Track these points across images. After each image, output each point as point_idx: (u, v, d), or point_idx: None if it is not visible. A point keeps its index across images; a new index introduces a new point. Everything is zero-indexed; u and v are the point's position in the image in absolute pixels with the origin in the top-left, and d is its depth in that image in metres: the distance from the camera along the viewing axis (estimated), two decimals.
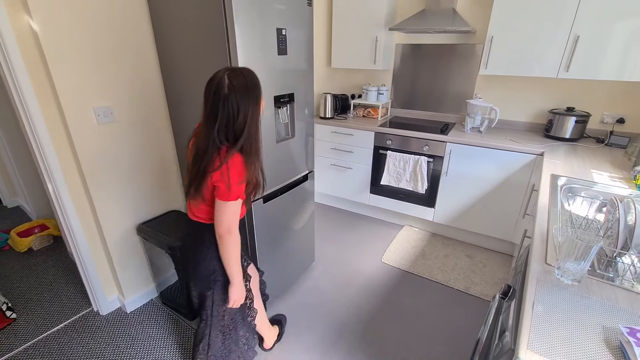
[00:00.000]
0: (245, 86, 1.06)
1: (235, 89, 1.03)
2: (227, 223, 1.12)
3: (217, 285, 1.25)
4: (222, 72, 1.06)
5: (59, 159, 1.60)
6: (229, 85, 1.03)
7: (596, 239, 0.88)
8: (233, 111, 1.04)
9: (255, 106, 1.09)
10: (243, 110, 1.05)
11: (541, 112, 2.55)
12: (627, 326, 0.74)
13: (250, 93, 1.07)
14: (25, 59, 1.41)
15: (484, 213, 2.47)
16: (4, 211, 3.16)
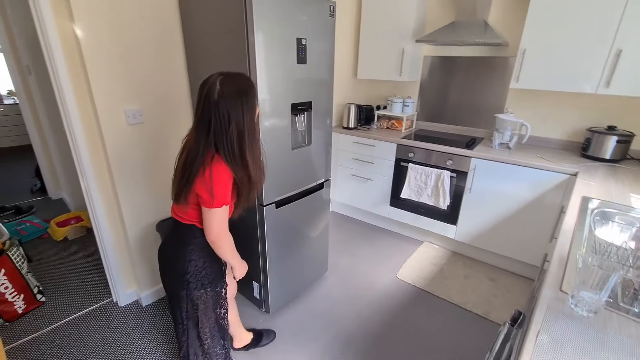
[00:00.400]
0: (237, 93, 1.04)
1: (225, 96, 1.02)
2: (215, 230, 1.11)
3: (190, 286, 1.22)
4: (215, 76, 1.05)
5: (91, 156, 1.73)
6: (219, 91, 1.02)
7: (617, 267, 0.80)
8: (224, 118, 1.03)
9: (248, 113, 1.07)
10: (235, 117, 1.04)
11: (578, 130, 2.38)
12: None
13: (242, 100, 1.05)
14: (68, 63, 1.55)
15: (510, 234, 2.32)
16: (49, 202, 3.44)
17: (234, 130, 1.05)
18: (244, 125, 1.07)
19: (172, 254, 1.24)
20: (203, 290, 1.25)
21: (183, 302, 1.26)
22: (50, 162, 3.41)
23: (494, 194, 2.31)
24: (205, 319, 1.31)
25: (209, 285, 1.26)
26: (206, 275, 1.24)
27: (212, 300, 1.30)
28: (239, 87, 1.06)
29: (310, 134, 1.85)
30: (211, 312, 1.32)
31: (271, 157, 1.64)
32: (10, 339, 1.79)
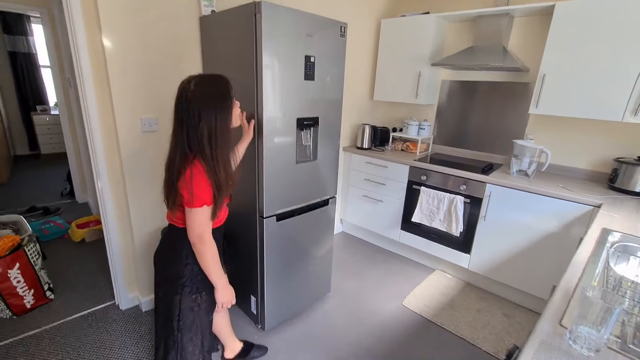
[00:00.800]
0: (208, 93, 1.06)
1: (197, 96, 1.05)
2: (197, 231, 1.11)
3: (185, 290, 1.22)
4: (191, 77, 1.09)
5: (107, 159, 1.82)
6: (193, 91, 1.05)
7: (622, 300, 0.71)
8: (194, 118, 1.05)
9: (221, 114, 1.08)
10: (206, 118, 1.05)
11: (605, 160, 2.23)
12: None
13: (215, 101, 1.07)
14: (94, 71, 1.68)
15: (528, 267, 2.16)
16: (75, 206, 3.64)
17: (204, 130, 1.06)
18: (215, 126, 1.07)
19: (168, 258, 1.24)
20: (198, 295, 1.24)
21: (176, 308, 1.25)
22: (80, 168, 3.63)
23: (511, 223, 2.18)
24: (197, 325, 1.29)
25: (204, 289, 1.25)
26: (202, 279, 1.24)
27: (206, 305, 1.28)
28: (211, 88, 1.09)
29: (316, 150, 1.86)
30: (205, 318, 1.30)
31: (274, 169, 1.66)
32: (14, 332, 1.85)
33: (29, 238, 2.10)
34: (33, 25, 5.07)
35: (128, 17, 1.64)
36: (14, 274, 1.92)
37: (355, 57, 2.90)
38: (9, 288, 1.91)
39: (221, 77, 1.14)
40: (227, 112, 1.11)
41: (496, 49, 2.37)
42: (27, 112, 5.24)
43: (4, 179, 4.17)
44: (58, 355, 1.71)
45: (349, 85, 2.92)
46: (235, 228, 1.92)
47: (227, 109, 1.11)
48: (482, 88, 2.71)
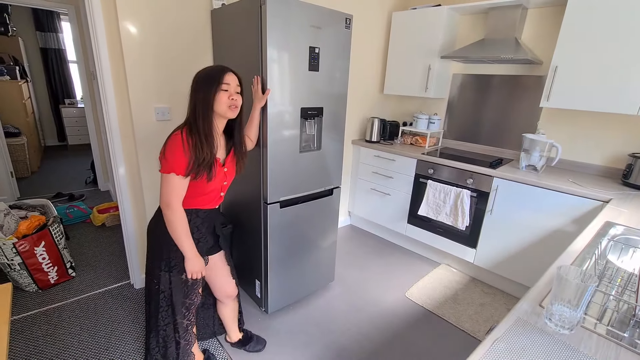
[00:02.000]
0: (197, 79, 1.21)
1: (193, 80, 1.22)
2: (165, 196, 1.18)
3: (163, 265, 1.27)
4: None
5: (123, 148, 1.93)
6: (196, 75, 1.23)
7: (594, 280, 0.73)
8: (190, 94, 1.22)
9: (202, 95, 1.19)
10: (193, 98, 1.20)
11: (619, 156, 2.17)
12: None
13: (198, 85, 1.20)
14: (112, 62, 1.79)
15: (534, 263, 2.13)
16: (97, 193, 3.85)
17: (191, 105, 1.21)
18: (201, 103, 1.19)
19: (150, 227, 1.31)
20: (166, 273, 1.27)
21: (160, 283, 1.29)
22: (102, 158, 3.83)
23: (518, 218, 2.15)
24: (162, 306, 1.32)
25: (171, 269, 1.28)
26: (168, 257, 1.26)
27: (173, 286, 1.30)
28: (203, 73, 1.22)
29: (320, 140, 1.90)
30: (168, 299, 1.32)
31: (277, 157, 1.72)
32: (40, 304, 2.01)
33: (53, 219, 2.25)
34: (62, 22, 5.35)
35: (144, 10, 1.73)
36: (39, 251, 2.07)
37: (366, 51, 2.91)
38: (35, 264, 2.07)
39: (219, 67, 1.24)
40: (209, 93, 1.19)
41: (508, 41, 2.34)
42: (57, 105, 5.55)
43: (35, 168, 4.45)
44: (77, 326, 1.85)
45: (359, 78, 2.94)
46: (241, 213, 2.00)
47: (209, 89, 1.19)
48: (494, 82, 2.67)
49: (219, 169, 1.27)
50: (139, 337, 1.80)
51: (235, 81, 1.24)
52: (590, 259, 1.07)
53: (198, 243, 1.33)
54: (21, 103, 4.32)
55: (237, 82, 1.25)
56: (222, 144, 1.31)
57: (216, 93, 1.19)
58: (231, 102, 1.22)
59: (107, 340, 1.77)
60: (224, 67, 1.24)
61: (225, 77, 1.21)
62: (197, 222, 1.31)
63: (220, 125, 1.28)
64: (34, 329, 1.81)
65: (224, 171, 1.31)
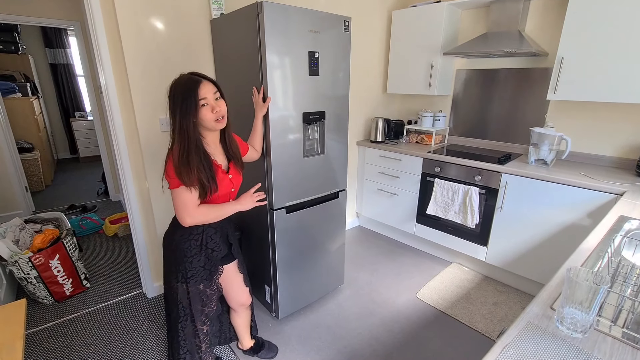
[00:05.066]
0: (172, 98, 1.14)
1: (169, 93, 1.15)
2: (181, 211, 1.19)
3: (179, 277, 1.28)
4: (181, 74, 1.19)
5: (130, 160, 1.97)
6: (170, 87, 1.16)
7: (605, 281, 0.70)
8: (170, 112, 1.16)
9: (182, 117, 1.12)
10: (171, 114, 1.15)
11: (633, 146, 2.10)
12: None
13: (175, 105, 1.13)
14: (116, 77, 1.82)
15: (548, 259, 2.08)
16: (109, 204, 3.92)
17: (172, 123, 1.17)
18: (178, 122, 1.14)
19: (170, 243, 1.31)
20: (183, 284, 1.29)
21: (176, 294, 1.31)
22: (112, 169, 3.90)
23: (529, 214, 2.11)
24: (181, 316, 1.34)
25: (188, 280, 1.29)
26: (184, 269, 1.28)
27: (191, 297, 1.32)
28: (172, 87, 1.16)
29: (323, 144, 1.90)
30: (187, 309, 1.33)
31: (281, 162, 1.72)
32: (56, 315, 2.06)
33: (67, 232, 2.30)
34: (70, 38, 5.48)
35: (144, 23, 1.76)
36: (54, 264, 2.12)
37: (368, 51, 2.90)
38: (51, 277, 2.12)
39: (191, 78, 1.16)
40: (189, 115, 1.13)
41: (512, 34, 2.29)
42: (67, 119, 5.68)
43: (48, 182, 4.57)
44: (93, 336, 1.88)
45: (361, 79, 2.93)
46: (247, 220, 2.00)
47: (189, 113, 1.13)
48: (499, 76, 2.62)
49: (223, 176, 1.27)
50: (152, 346, 1.82)
51: (211, 90, 1.17)
52: (603, 257, 1.03)
53: (212, 252, 1.33)
54: (33, 119, 4.43)
55: (214, 89, 1.18)
56: (220, 151, 1.31)
57: (197, 113, 1.14)
58: (216, 115, 1.18)
59: (121, 350, 1.79)
60: (194, 77, 1.16)
61: (200, 91, 1.13)
62: (210, 232, 1.32)
63: (214, 134, 1.27)
64: (52, 341, 1.85)
65: (229, 178, 1.30)
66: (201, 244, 1.30)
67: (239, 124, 1.82)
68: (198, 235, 1.29)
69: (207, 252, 1.32)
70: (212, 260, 1.34)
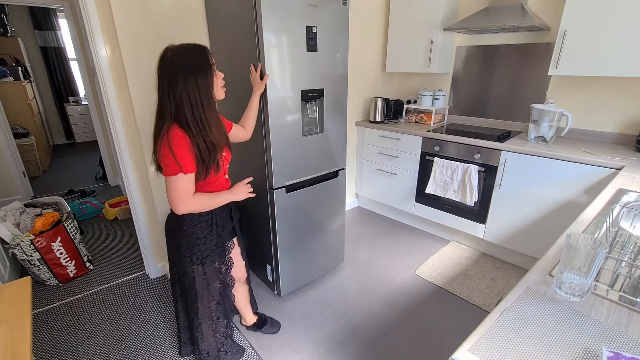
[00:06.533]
0: (188, 61, 1.07)
1: (173, 63, 1.06)
2: (175, 200, 1.12)
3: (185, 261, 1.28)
4: (169, 47, 1.10)
5: (127, 142, 1.95)
6: (170, 58, 1.07)
7: (603, 246, 0.71)
8: (176, 86, 1.05)
9: (194, 81, 1.07)
10: (180, 84, 1.05)
11: (634, 121, 2.10)
12: (613, 350, 0.58)
13: (193, 68, 1.07)
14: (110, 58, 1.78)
15: (546, 235, 2.11)
16: (108, 188, 3.91)
17: (184, 96, 1.07)
18: (198, 91, 1.08)
19: (172, 226, 1.30)
20: (198, 266, 1.29)
21: (183, 277, 1.32)
22: (110, 153, 3.87)
23: (527, 191, 2.12)
24: (205, 294, 1.35)
25: (203, 260, 1.29)
26: (199, 251, 1.28)
27: (207, 275, 1.32)
28: (188, 56, 1.09)
29: (322, 122, 1.88)
30: (212, 287, 1.36)
31: (280, 142, 1.71)
32: (62, 296, 2.09)
33: (67, 215, 2.31)
34: (60, 19, 5.32)
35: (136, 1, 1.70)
36: (56, 246, 2.13)
37: (366, 29, 2.83)
38: (53, 259, 2.13)
39: (199, 46, 1.13)
40: (206, 79, 1.10)
41: (513, 8, 2.24)
42: (61, 104, 5.59)
43: (45, 167, 4.54)
44: (98, 315, 1.92)
45: (360, 58, 2.87)
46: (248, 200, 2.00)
47: (205, 77, 1.10)
48: (500, 52, 2.58)
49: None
50: (157, 323, 1.86)
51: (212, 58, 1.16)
52: (601, 227, 1.05)
53: (223, 230, 1.34)
54: (27, 103, 4.36)
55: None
56: None
57: (210, 80, 1.11)
58: (223, 82, 1.18)
59: (127, 327, 1.83)
60: (201, 45, 1.13)
61: (211, 57, 1.12)
62: (217, 210, 1.31)
63: None
64: (58, 320, 1.89)
65: (223, 155, 1.27)
66: (211, 223, 1.29)
67: (237, 103, 1.79)
68: (207, 216, 1.28)
69: (217, 231, 1.32)
70: (222, 237, 1.35)
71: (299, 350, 1.69)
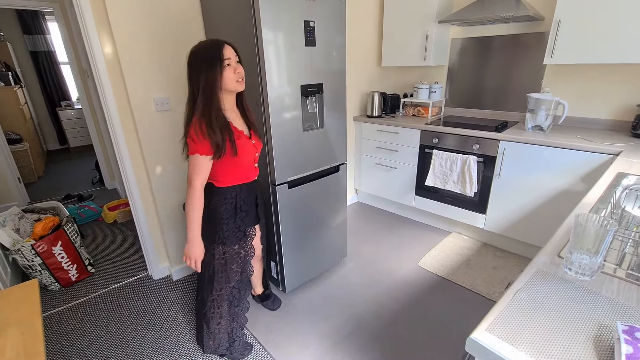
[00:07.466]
0: (198, 58, 1.19)
1: (191, 61, 1.21)
2: (190, 175, 1.25)
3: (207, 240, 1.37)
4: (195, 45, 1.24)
5: (127, 143, 1.93)
6: (189, 57, 1.22)
7: (612, 225, 0.72)
8: (190, 80, 1.21)
9: (206, 77, 1.18)
10: (195, 80, 1.20)
11: (628, 108, 2.13)
12: (628, 324, 0.59)
13: (198, 66, 1.19)
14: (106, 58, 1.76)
15: (546, 222, 2.14)
16: (105, 191, 3.88)
17: (196, 89, 1.21)
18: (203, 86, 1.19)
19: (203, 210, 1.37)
20: (219, 246, 1.39)
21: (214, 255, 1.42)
22: (106, 157, 3.84)
23: (526, 179, 2.15)
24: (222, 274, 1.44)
25: (224, 241, 1.39)
26: (221, 230, 1.37)
27: (227, 256, 1.42)
28: (200, 52, 1.20)
29: (322, 117, 1.88)
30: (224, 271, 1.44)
31: (281, 137, 1.71)
32: (64, 301, 2.07)
33: (67, 219, 2.29)
34: (49, 23, 5.24)
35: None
36: (57, 251, 2.11)
37: (362, 23, 2.83)
38: (55, 263, 2.11)
39: (213, 42, 1.22)
40: (214, 71, 1.18)
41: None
42: (54, 109, 5.51)
43: (40, 173, 4.48)
44: (103, 318, 1.91)
45: (357, 53, 2.88)
46: None
47: (214, 69, 1.18)
48: (494, 43, 2.59)
49: (246, 141, 1.33)
50: (163, 324, 1.85)
51: (232, 52, 1.24)
52: (605, 208, 1.06)
53: (247, 215, 1.44)
54: (19, 109, 4.30)
55: (235, 53, 1.25)
56: (238, 117, 1.36)
57: (222, 72, 1.20)
58: (238, 76, 1.24)
59: (133, 329, 1.82)
60: (218, 41, 1.23)
61: (224, 52, 1.20)
62: (243, 195, 1.40)
63: (231, 100, 1.31)
64: (63, 324, 1.87)
65: (252, 143, 1.37)
66: (235, 206, 1.38)
67: None
68: (232, 199, 1.37)
69: (241, 215, 1.41)
70: (245, 222, 1.43)
71: (306, 345, 1.70)
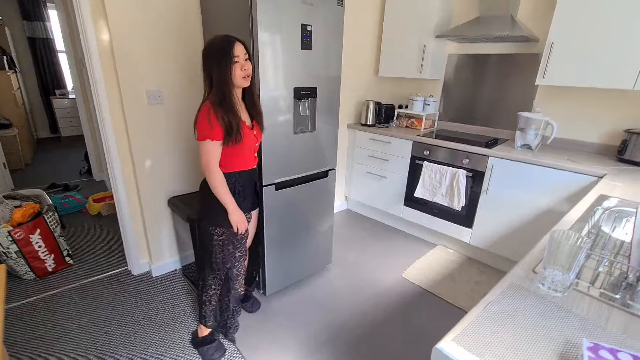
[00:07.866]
0: (207, 56, 1.29)
1: (204, 52, 1.30)
2: (203, 161, 1.33)
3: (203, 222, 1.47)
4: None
5: (115, 134, 1.90)
6: (204, 46, 1.32)
7: (587, 242, 0.73)
8: (204, 70, 1.31)
9: (217, 71, 1.27)
10: (208, 74, 1.30)
11: (615, 132, 2.16)
12: (594, 342, 0.59)
13: (210, 61, 1.28)
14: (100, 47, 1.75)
15: (530, 240, 2.14)
16: (93, 183, 3.82)
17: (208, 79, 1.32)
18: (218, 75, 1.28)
19: (202, 192, 1.48)
20: (212, 227, 1.45)
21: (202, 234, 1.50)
22: (96, 148, 3.79)
23: (513, 196, 2.16)
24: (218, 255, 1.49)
25: (217, 224, 1.44)
26: (214, 214, 1.42)
27: (223, 238, 1.46)
28: (210, 46, 1.29)
29: (314, 121, 1.88)
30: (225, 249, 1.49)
31: (271, 139, 1.70)
32: (38, 291, 2.01)
33: (48, 207, 2.24)
34: (49, 10, 5.21)
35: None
36: (35, 239, 2.06)
37: (360, 32, 2.87)
38: (32, 252, 2.06)
39: (225, 38, 1.29)
40: (223, 66, 1.27)
41: (504, 18, 2.30)
42: (47, 97, 5.45)
43: (28, 160, 4.40)
44: (76, 311, 1.86)
45: (354, 61, 2.90)
46: None
47: (223, 65, 1.27)
48: (490, 61, 2.64)
49: (248, 132, 1.39)
50: (138, 320, 1.81)
51: (242, 50, 1.30)
52: (583, 229, 1.07)
53: (244, 201, 1.49)
54: (11, 94, 4.24)
55: (244, 50, 1.31)
56: (244, 109, 1.42)
57: (230, 68, 1.27)
58: (244, 73, 1.31)
59: (107, 324, 1.78)
60: (229, 37, 1.29)
61: (234, 49, 1.27)
62: (241, 181, 1.46)
63: (238, 93, 1.38)
64: (34, 315, 1.82)
65: (254, 134, 1.43)
66: (234, 191, 1.43)
67: None
68: (232, 185, 1.42)
69: (238, 200, 1.44)
70: (241, 206, 1.45)
71: (282, 351, 1.67)
